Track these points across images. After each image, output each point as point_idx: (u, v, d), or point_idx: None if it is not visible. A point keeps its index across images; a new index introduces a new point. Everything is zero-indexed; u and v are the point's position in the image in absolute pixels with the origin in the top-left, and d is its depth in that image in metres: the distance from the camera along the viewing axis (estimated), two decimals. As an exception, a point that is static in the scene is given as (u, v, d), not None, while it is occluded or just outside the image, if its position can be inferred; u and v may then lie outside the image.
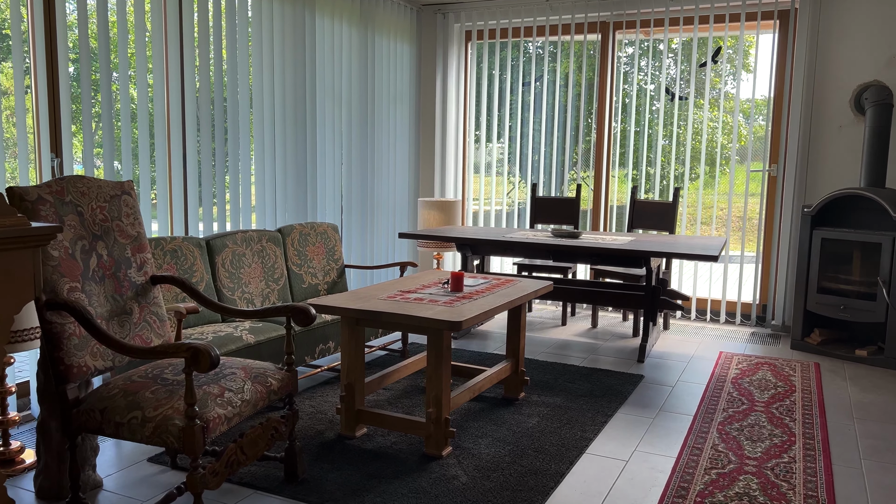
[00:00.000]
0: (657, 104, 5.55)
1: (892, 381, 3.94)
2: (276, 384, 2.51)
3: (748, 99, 5.18)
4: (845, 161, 4.83)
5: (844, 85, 4.80)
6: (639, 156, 5.79)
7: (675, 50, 5.73)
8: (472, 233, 4.76)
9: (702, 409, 3.46)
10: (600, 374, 4.00)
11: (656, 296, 4.38)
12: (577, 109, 5.82)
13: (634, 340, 4.81)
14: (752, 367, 4.18)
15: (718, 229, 5.88)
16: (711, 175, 5.48)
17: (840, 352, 4.43)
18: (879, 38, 4.67)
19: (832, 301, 4.42)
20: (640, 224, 5.25)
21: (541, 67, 5.90)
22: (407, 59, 5.93)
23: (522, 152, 6.07)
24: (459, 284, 3.25)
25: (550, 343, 4.70)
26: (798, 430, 3.18)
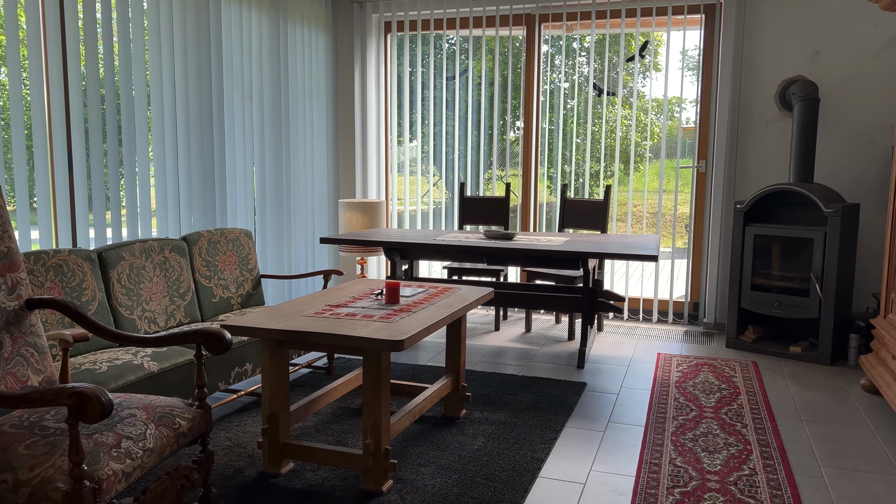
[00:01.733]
0: (571, 102, 5.41)
1: (829, 378, 3.91)
2: (187, 425, 2.12)
3: (676, 97, 5.10)
4: (772, 156, 4.82)
5: (770, 80, 4.78)
6: (555, 155, 5.63)
7: (603, 44, 5.61)
8: (400, 236, 4.44)
9: (652, 419, 3.28)
10: (542, 384, 3.77)
11: (594, 298, 4.20)
12: (504, 105, 5.60)
13: (570, 344, 4.63)
14: (692, 368, 4.06)
15: (643, 227, 5.81)
16: (640, 172, 5.39)
17: (774, 349, 4.39)
18: (802, 33, 4.67)
19: (766, 298, 4.38)
20: (570, 223, 5.08)
21: (464, 62, 5.64)
22: (323, 50, 5.54)
23: (442, 150, 5.80)
24: (395, 296, 2.93)
25: (485, 351, 4.45)
26: (752, 437, 3.05)
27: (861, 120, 4.59)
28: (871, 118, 4.57)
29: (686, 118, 5.21)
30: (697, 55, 5.12)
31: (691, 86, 5.20)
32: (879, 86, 4.53)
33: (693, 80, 5.22)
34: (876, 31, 4.51)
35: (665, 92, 5.17)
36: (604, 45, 5.67)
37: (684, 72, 5.08)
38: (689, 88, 5.24)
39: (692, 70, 5.24)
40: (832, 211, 4.06)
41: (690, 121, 5.23)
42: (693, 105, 5.18)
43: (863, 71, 4.56)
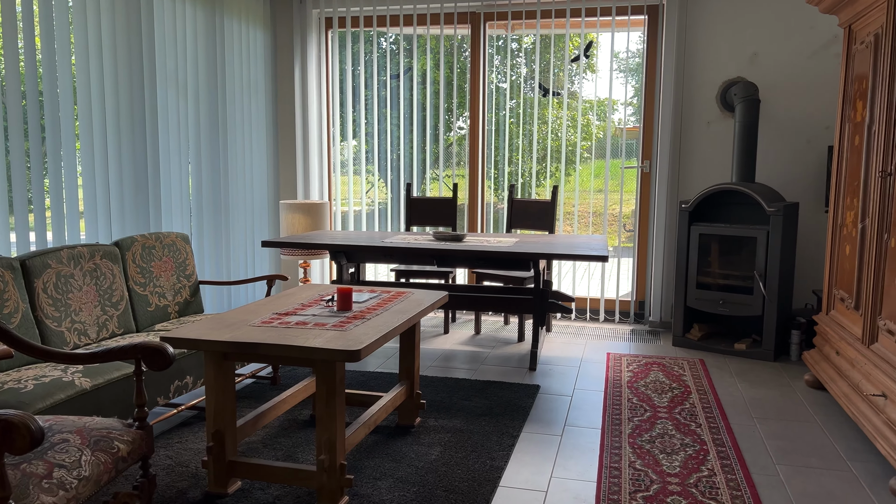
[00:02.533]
0: (512, 102, 5.38)
1: (773, 374, 3.99)
2: (126, 448, 1.95)
3: (616, 99, 5.13)
4: (714, 156, 4.89)
5: (711, 81, 4.86)
6: (501, 154, 5.60)
7: (548, 44, 5.60)
8: (346, 238, 4.30)
9: (607, 421, 3.25)
10: (495, 388, 3.70)
11: (545, 299, 4.16)
12: (450, 103, 5.52)
13: (521, 346, 4.58)
14: (642, 368, 4.07)
15: (587, 227, 5.83)
16: (586, 171, 5.40)
17: (720, 346, 4.46)
18: (742, 35, 4.76)
19: (711, 296, 4.44)
20: (518, 224, 5.04)
21: (408, 61, 5.54)
22: (261, 46, 5.33)
23: (386, 150, 5.68)
24: (348, 302, 2.80)
25: (436, 355, 4.36)
26: (707, 437, 3.06)
27: (798, 121, 4.71)
28: (807, 119, 4.70)
29: (628, 119, 5.25)
30: (641, 56, 5.17)
31: (632, 87, 5.24)
32: (815, 88, 4.66)
33: (634, 81, 5.27)
34: (812, 33, 4.63)
35: (609, 93, 5.20)
36: (549, 44, 5.66)
37: (627, 74, 5.12)
38: (630, 90, 5.28)
39: (633, 71, 5.28)
40: (774, 210, 4.14)
41: (633, 121, 5.27)
42: (625, 107, 5.22)
43: (799, 73, 4.68)
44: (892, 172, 2.85)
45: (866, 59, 3.22)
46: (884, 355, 2.84)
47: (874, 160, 3.06)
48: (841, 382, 3.25)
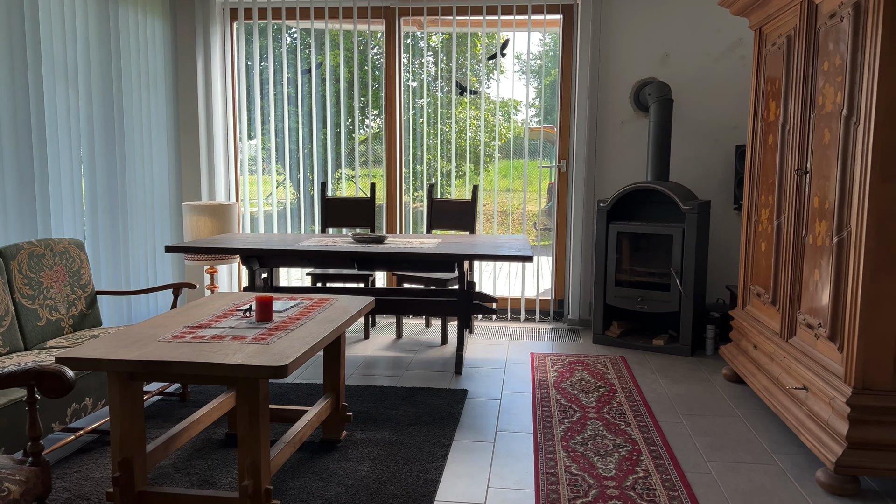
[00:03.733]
0: (422, 101, 5.29)
1: (692, 369, 4.07)
2: (19, 490, 1.69)
3: (527, 100, 5.12)
4: (629, 156, 4.97)
5: (625, 81, 4.92)
6: (418, 153, 5.49)
7: (465, 42, 5.53)
8: (257, 241, 4.05)
9: (539, 424, 3.20)
10: (422, 395, 3.58)
11: (470, 300, 4.08)
12: (364, 100, 5.35)
13: (445, 349, 4.48)
14: (567, 367, 4.06)
15: (499, 226, 5.81)
16: (504, 170, 5.36)
17: (639, 342, 4.52)
18: (654, 35, 4.85)
19: (630, 294, 4.50)
20: (438, 224, 4.94)
21: (320, 56, 5.32)
22: (160, 37, 4.97)
23: (298, 148, 5.45)
24: (268, 311, 2.59)
25: (357, 362, 4.18)
26: (638, 436, 3.05)
27: (707, 121, 4.85)
28: (715, 119, 4.84)
29: (531, 119, 5.26)
30: (543, 59, 5.18)
31: (534, 89, 5.25)
32: (722, 89, 4.81)
33: (536, 83, 5.28)
34: (718, 35, 4.78)
35: (526, 95, 5.18)
36: (464, 42, 5.59)
37: (529, 76, 5.12)
38: (532, 91, 5.29)
39: (535, 73, 5.29)
40: (689, 208, 4.22)
41: (535, 122, 5.28)
42: (528, 108, 5.23)
43: (708, 74, 4.82)
44: (808, 170, 2.93)
45: (778, 60, 3.31)
46: (803, 349, 2.92)
47: (789, 158, 3.15)
48: (760, 376, 3.33)
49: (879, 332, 2.42)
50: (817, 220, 2.82)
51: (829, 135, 2.71)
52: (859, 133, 2.46)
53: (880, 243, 2.39)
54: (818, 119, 2.83)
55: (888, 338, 2.42)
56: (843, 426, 2.47)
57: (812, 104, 2.91)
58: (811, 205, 2.89)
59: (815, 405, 2.71)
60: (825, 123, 2.76)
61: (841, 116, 2.60)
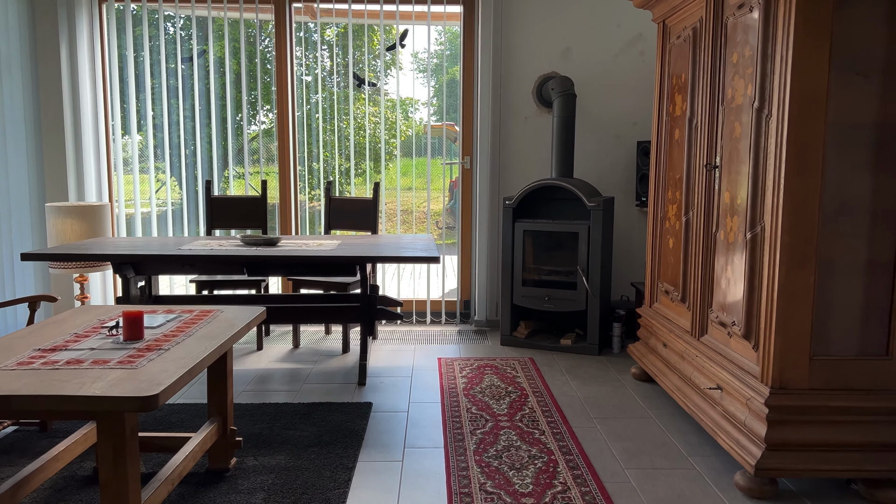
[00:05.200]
0: (317, 95, 5.00)
1: (601, 369, 3.98)
2: None
3: (430, 96, 4.93)
4: (534, 152, 4.85)
5: (527, 76, 4.81)
6: (315, 150, 5.18)
7: (359, 34, 5.25)
8: (133, 246, 3.62)
9: (450, 437, 2.98)
10: (323, 411, 3.29)
11: (373, 306, 3.82)
12: (255, 94, 4.97)
13: (347, 358, 4.19)
14: (476, 372, 3.88)
15: (398, 225, 5.59)
16: (406, 168, 5.13)
17: (546, 342, 4.40)
18: (555, 30, 4.76)
19: (537, 293, 4.37)
20: (338, 224, 4.64)
21: (202, 46, 4.89)
22: (15, 19, 4.39)
23: (180, 144, 4.99)
24: (138, 328, 2.24)
25: (249, 377, 3.83)
26: (553, 445, 2.90)
27: (608, 117, 4.81)
28: (616, 115, 4.81)
29: (444, 114, 5.07)
30: (440, 58, 5.00)
31: (433, 88, 5.06)
32: (622, 84, 4.78)
33: (434, 82, 5.09)
34: (618, 31, 4.74)
35: (427, 90, 4.97)
36: (361, 34, 5.31)
37: (428, 74, 4.92)
38: (431, 90, 5.10)
39: (434, 71, 5.11)
40: (594, 205, 4.15)
41: (450, 117, 5.10)
42: (427, 106, 5.05)
43: (608, 70, 4.78)
44: (717, 165, 2.87)
45: (684, 53, 3.25)
46: (716, 347, 2.86)
47: (697, 153, 3.09)
48: (672, 375, 3.26)
49: (795, 329, 2.36)
50: (728, 215, 2.76)
51: (740, 128, 2.65)
52: (772, 126, 2.39)
53: (795, 238, 2.33)
54: (728, 112, 2.77)
55: (804, 335, 2.37)
56: (762, 427, 2.40)
57: (721, 97, 2.85)
58: (722, 200, 2.83)
59: (730, 405, 2.65)
60: (735, 117, 2.70)
61: (752, 109, 2.54)
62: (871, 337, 2.39)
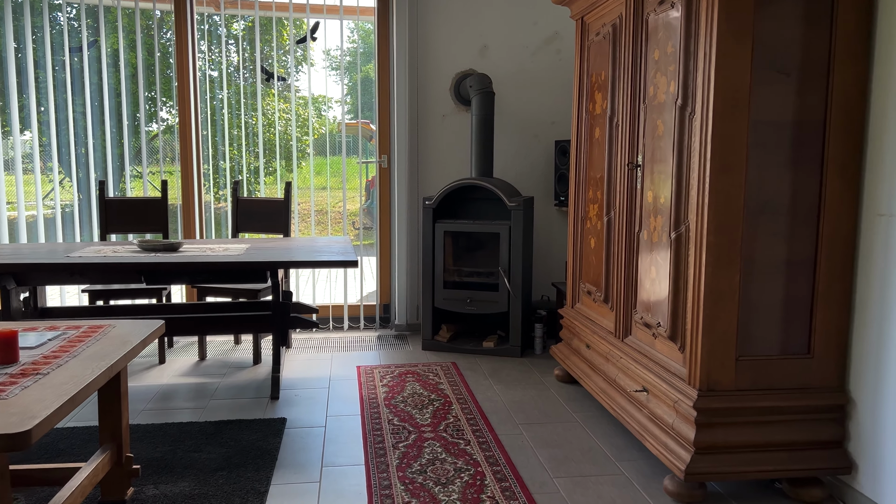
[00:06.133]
0: (223, 91, 4.73)
1: (524, 372, 3.91)
2: None
3: (344, 94, 4.73)
4: (453, 151, 4.74)
5: (444, 73, 4.69)
6: (220, 148, 4.89)
7: (268, 28, 4.98)
8: (14, 253, 3.25)
9: (371, 453, 2.82)
10: (232, 429, 3.05)
11: (286, 314, 3.60)
12: (153, 89, 4.62)
13: (258, 369, 3.94)
14: (397, 380, 3.72)
15: (310, 226, 5.37)
16: (319, 169, 4.91)
17: (469, 346, 4.30)
18: (472, 26, 4.66)
19: (459, 295, 4.26)
20: (246, 227, 4.37)
21: (93, 35, 4.51)
22: None
23: (69, 143, 4.60)
24: (11, 350, 1.95)
25: (150, 394, 3.53)
26: (479, 456, 2.78)
27: (527, 116, 4.75)
28: (534, 114, 4.76)
29: (359, 112, 4.89)
30: (355, 56, 4.83)
31: (346, 86, 4.88)
32: (540, 83, 4.73)
33: (348, 80, 4.92)
34: (535, 29, 4.69)
35: (341, 87, 4.77)
36: (269, 27, 5.05)
37: (341, 73, 4.74)
38: (344, 88, 4.92)
39: (347, 69, 4.93)
40: (515, 205, 4.07)
41: (365, 115, 4.92)
42: (341, 104, 4.87)
43: (525, 68, 4.72)
44: (640, 164, 2.83)
45: (604, 50, 3.21)
46: (641, 349, 2.82)
47: (619, 152, 3.04)
48: (596, 377, 3.21)
49: (722, 329, 2.33)
50: (652, 215, 2.72)
51: (663, 126, 2.61)
52: (696, 124, 2.36)
53: (721, 238, 2.30)
54: (650, 110, 2.73)
55: (730, 335, 2.34)
56: (690, 431, 2.36)
57: (643, 95, 2.81)
58: (644, 199, 2.79)
59: (657, 408, 2.60)
60: (658, 115, 2.66)
61: (676, 107, 2.50)
62: (793, 336, 2.39)
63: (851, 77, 2.29)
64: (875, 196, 2.27)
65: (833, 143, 2.31)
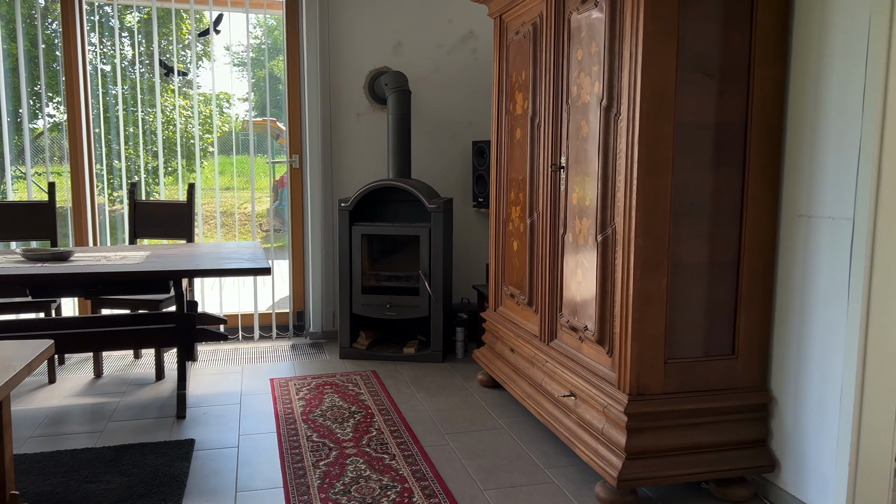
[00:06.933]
0: (116, 87, 4.41)
1: (446, 378, 3.82)
2: None
3: (249, 89, 4.49)
4: (368, 151, 4.58)
5: (358, 70, 4.52)
6: (115, 147, 4.54)
7: (167, 21, 4.66)
8: None
9: (289, 474, 2.64)
10: (134, 454, 2.79)
11: (192, 326, 3.35)
12: (38, 83, 4.23)
13: (161, 386, 3.66)
14: (314, 392, 3.54)
15: (213, 229, 5.10)
16: (223, 169, 4.64)
17: (389, 352, 4.16)
18: (385, 23, 4.52)
19: (378, 301, 4.12)
20: (145, 232, 4.06)
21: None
22: None
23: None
24: None
25: (38, 418, 3.19)
26: (405, 471, 2.66)
27: (444, 115, 4.66)
28: (451, 114, 4.67)
29: (268, 109, 4.66)
30: (258, 51, 4.61)
31: (248, 83, 4.66)
32: (456, 82, 4.65)
33: (251, 76, 4.69)
34: (450, 27, 4.60)
35: (248, 83, 4.52)
36: (169, 21, 4.73)
37: (243, 68, 4.50)
38: (246, 84, 4.69)
39: (248, 65, 4.70)
40: (435, 206, 3.97)
41: (274, 113, 4.69)
42: (243, 102, 4.65)
43: (441, 67, 4.62)
44: (563, 165, 2.78)
45: (524, 49, 3.15)
46: (567, 352, 2.78)
47: (541, 153, 2.99)
48: (521, 382, 3.15)
49: (651, 333, 2.31)
50: (577, 217, 2.68)
51: (587, 127, 2.57)
52: (622, 125, 2.32)
53: (649, 240, 2.27)
54: (574, 111, 2.69)
55: (659, 339, 2.32)
56: (621, 436, 2.32)
57: (566, 95, 2.76)
58: (569, 201, 2.74)
59: (586, 413, 2.56)
60: (582, 116, 2.62)
61: (601, 108, 2.46)
62: (718, 337, 2.40)
63: (770, 79, 2.31)
64: (794, 197, 2.31)
65: (754, 145, 2.33)
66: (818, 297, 2.21)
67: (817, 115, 2.20)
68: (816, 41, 2.20)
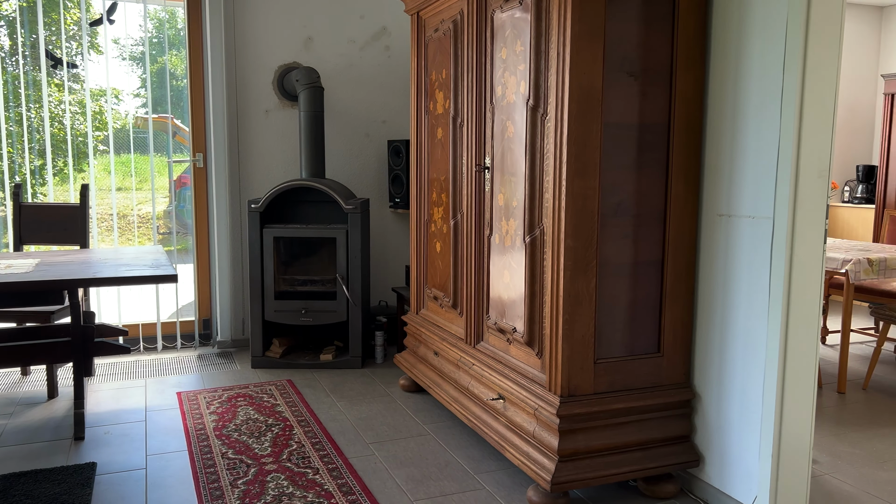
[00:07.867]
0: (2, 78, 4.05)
1: (367, 384, 3.71)
2: None
3: (143, 84, 4.22)
4: (279, 150, 4.39)
5: (266, 65, 4.33)
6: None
7: (54, 8, 4.28)
8: None
9: (205, 496, 2.46)
10: (26, 483, 2.53)
11: (90, 340, 3.08)
12: None
13: (55, 405, 3.35)
14: (227, 406, 3.35)
15: (121, 231, 4.76)
16: (117, 169, 4.34)
17: (305, 360, 4.01)
18: (295, 15, 4.34)
19: (293, 306, 3.95)
20: (33, 238, 3.72)
21: None
22: None
23: None
24: None
25: (-90, 448, 2.85)
26: (331, 486, 2.54)
27: (358, 114, 4.54)
28: (365, 113, 4.55)
29: (169, 106, 4.38)
30: (146, 44, 4.35)
31: (139, 78, 4.38)
32: (370, 80, 4.54)
33: (141, 71, 4.42)
34: (362, 23, 4.48)
35: (147, 76, 4.24)
36: (57, 8, 4.36)
37: (133, 63, 4.24)
38: (137, 80, 4.41)
39: (138, 60, 4.43)
40: (352, 207, 3.85)
41: (174, 109, 4.42)
42: (134, 97, 4.38)
43: (354, 63, 4.50)
44: (488, 166, 2.74)
45: (444, 47, 3.09)
46: (495, 355, 2.74)
47: (465, 154, 2.94)
48: (447, 386, 3.09)
49: (580, 333, 2.30)
50: (504, 218, 2.64)
51: (513, 128, 2.54)
52: (549, 125, 2.30)
53: (578, 241, 2.26)
54: (498, 111, 2.65)
55: (588, 339, 2.32)
56: (553, 439, 2.30)
57: (490, 95, 2.72)
58: (495, 202, 2.71)
59: (516, 416, 2.53)
60: (507, 115, 2.58)
61: (527, 108, 2.43)
62: (645, 336, 2.42)
63: (692, 81, 2.35)
64: (715, 197, 2.36)
65: (677, 146, 2.36)
66: (740, 295, 2.26)
67: (736, 117, 2.25)
68: (735, 45, 2.25)
